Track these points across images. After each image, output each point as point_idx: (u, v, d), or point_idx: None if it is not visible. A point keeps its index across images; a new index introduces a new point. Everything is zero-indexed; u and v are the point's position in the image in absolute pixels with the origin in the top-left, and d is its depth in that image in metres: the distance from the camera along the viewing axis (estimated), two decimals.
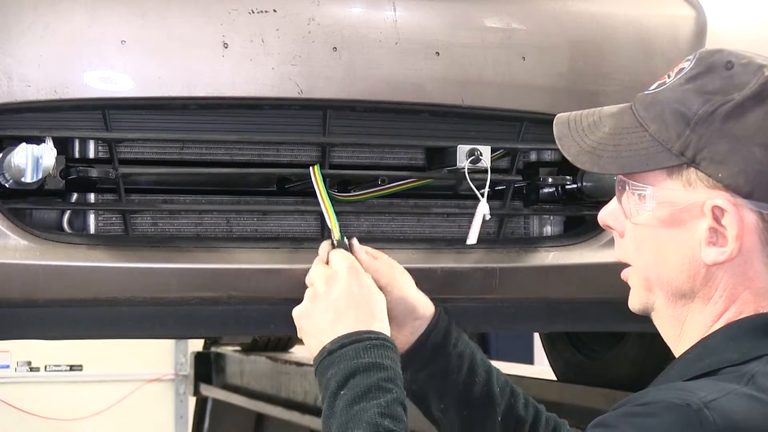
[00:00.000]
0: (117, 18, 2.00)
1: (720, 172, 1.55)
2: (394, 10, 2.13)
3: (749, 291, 1.58)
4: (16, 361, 7.06)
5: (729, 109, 1.55)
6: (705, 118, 1.56)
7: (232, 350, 5.79)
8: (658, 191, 1.59)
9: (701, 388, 1.47)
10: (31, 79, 1.95)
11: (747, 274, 1.58)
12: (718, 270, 1.58)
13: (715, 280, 1.59)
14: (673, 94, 1.59)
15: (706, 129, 1.56)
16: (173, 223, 2.11)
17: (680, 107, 1.58)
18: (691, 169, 1.57)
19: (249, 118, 2.11)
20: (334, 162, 2.17)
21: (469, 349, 1.98)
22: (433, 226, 2.26)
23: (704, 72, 1.59)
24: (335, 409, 1.73)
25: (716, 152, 1.55)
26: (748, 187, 1.54)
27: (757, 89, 1.56)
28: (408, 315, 1.97)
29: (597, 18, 2.30)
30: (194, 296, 2.03)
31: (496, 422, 1.95)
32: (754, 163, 1.54)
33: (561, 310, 2.34)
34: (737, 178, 1.54)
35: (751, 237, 1.56)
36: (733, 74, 1.57)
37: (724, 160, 1.54)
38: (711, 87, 1.57)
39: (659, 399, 1.47)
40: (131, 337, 2.37)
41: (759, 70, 1.57)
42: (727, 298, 1.59)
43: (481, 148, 2.15)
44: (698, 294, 1.60)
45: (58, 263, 2.00)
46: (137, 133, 2.06)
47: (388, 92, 2.12)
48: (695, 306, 1.61)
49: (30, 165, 1.94)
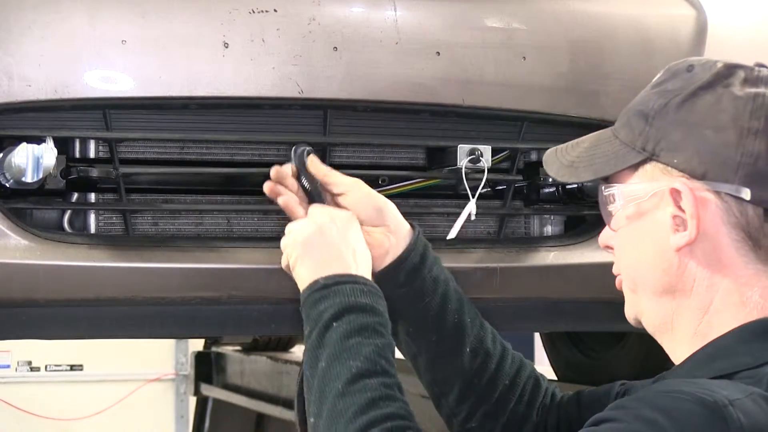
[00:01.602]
0: (117, 18, 2.00)
1: (675, 158, 1.60)
2: (395, 9, 2.13)
3: (730, 280, 1.60)
4: (16, 360, 7.06)
5: (681, 99, 1.61)
6: (659, 111, 1.62)
7: (233, 350, 5.78)
8: (625, 188, 1.65)
9: (723, 387, 1.47)
10: (32, 78, 1.95)
11: (721, 261, 1.59)
12: (690, 259, 1.61)
13: (689, 269, 1.61)
14: (638, 99, 1.67)
15: (661, 121, 1.62)
16: (174, 222, 2.11)
17: (641, 107, 1.65)
18: (652, 162, 1.62)
19: (249, 117, 2.11)
20: (334, 162, 2.17)
21: (443, 275, 1.97)
22: (434, 225, 2.26)
23: (668, 78, 1.66)
24: (326, 340, 1.73)
25: (671, 141, 1.60)
26: (701, 169, 1.58)
27: (709, 79, 1.61)
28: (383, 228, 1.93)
29: (598, 18, 2.30)
30: (195, 296, 2.03)
31: (465, 352, 1.94)
32: (706, 145, 1.58)
33: (561, 310, 2.34)
34: (691, 161, 1.58)
35: (712, 219, 1.58)
36: (692, 74, 1.63)
37: (679, 147, 1.60)
38: (671, 87, 1.64)
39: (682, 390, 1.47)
40: (132, 336, 2.37)
41: (714, 65, 1.63)
42: (707, 288, 1.61)
43: (482, 147, 2.16)
44: (677, 288, 1.63)
45: (59, 263, 2.00)
46: (138, 132, 2.06)
47: (388, 92, 2.12)
48: (678, 301, 1.63)
49: (30, 165, 1.94)
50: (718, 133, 1.58)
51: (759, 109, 1.58)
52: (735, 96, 1.59)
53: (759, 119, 1.57)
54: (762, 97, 1.59)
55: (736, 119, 1.58)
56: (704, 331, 1.61)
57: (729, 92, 1.60)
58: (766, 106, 1.58)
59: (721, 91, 1.60)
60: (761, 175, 1.57)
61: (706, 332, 1.61)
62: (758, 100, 1.59)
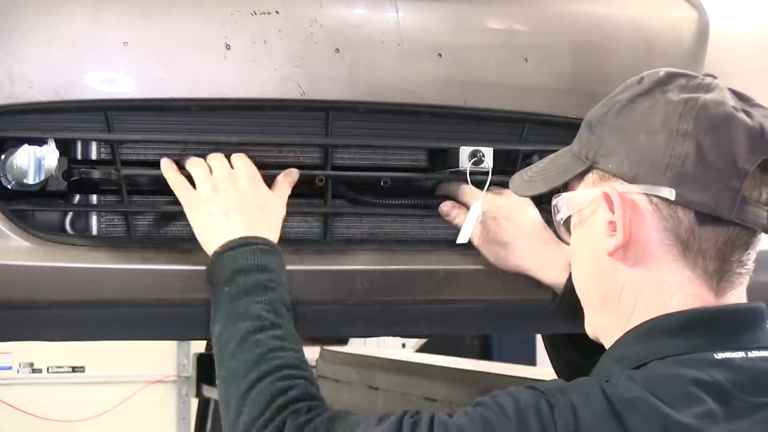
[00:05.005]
0: (119, 19, 2.00)
1: (609, 164, 1.61)
2: (397, 11, 2.13)
3: (653, 284, 1.59)
4: (18, 362, 7.07)
5: (620, 106, 1.63)
6: (600, 119, 1.64)
7: None
8: (567, 196, 1.68)
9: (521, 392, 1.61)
10: (34, 80, 1.95)
11: (648, 265, 1.59)
12: (621, 264, 1.61)
13: (619, 275, 1.62)
14: (591, 110, 1.69)
15: (601, 128, 1.63)
16: (176, 224, 2.11)
17: (588, 117, 1.67)
18: (593, 170, 1.64)
19: (251, 119, 2.11)
20: (336, 163, 2.17)
21: None
22: (435, 227, 2.25)
23: (621, 90, 1.67)
24: (218, 307, 1.85)
25: (608, 147, 1.62)
26: (632, 172, 1.58)
27: (649, 86, 1.62)
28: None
29: (599, 19, 2.30)
30: (197, 297, 2.03)
31: None
32: (638, 149, 1.58)
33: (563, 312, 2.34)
34: (623, 165, 1.59)
35: (642, 222, 1.58)
36: (640, 84, 1.64)
37: (614, 152, 1.61)
38: (619, 97, 1.65)
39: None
40: (134, 338, 2.37)
41: (657, 73, 1.64)
42: (633, 292, 1.61)
43: (484, 149, 2.16)
44: (610, 296, 1.63)
45: (61, 264, 2.00)
46: (139, 134, 2.06)
47: (390, 93, 2.12)
48: (611, 315, 1.64)
49: (32, 166, 1.94)
50: (649, 136, 1.58)
51: (689, 112, 1.57)
52: (669, 100, 1.59)
53: (688, 121, 1.56)
54: (695, 101, 1.57)
55: (666, 122, 1.57)
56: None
57: (665, 97, 1.59)
58: (696, 108, 1.57)
59: (658, 96, 1.60)
60: (688, 176, 1.55)
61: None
62: (690, 102, 1.57)
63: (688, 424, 1.49)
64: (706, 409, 1.50)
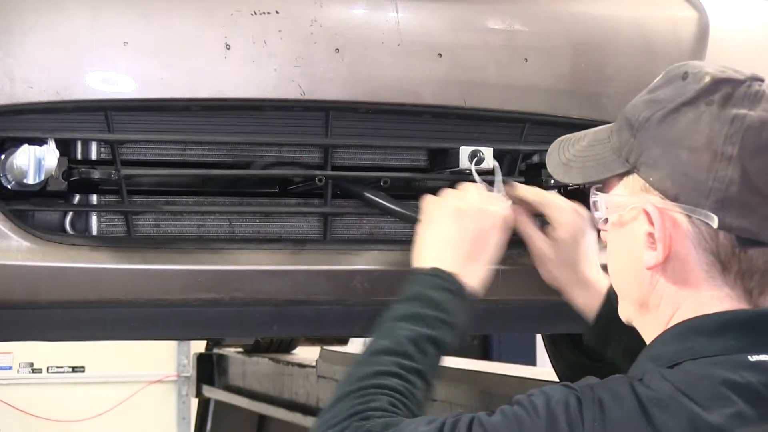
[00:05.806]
0: (119, 19, 2.00)
1: (651, 176, 1.59)
2: (397, 11, 2.13)
3: (692, 300, 1.59)
4: (18, 362, 7.07)
5: (663, 114, 1.60)
6: (643, 123, 1.61)
7: (235, 352, 5.79)
8: (608, 198, 1.66)
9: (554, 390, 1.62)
10: (34, 80, 1.95)
11: (688, 281, 1.59)
12: (660, 276, 1.60)
13: (659, 286, 1.61)
14: (633, 103, 1.66)
15: (643, 134, 1.61)
16: (176, 224, 2.11)
17: (630, 116, 1.64)
18: (634, 175, 1.62)
19: (251, 119, 2.11)
20: (336, 163, 2.17)
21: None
22: None
23: (664, 84, 1.64)
24: (385, 317, 1.81)
25: (650, 157, 1.59)
26: (674, 191, 1.57)
27: (693, 95, 1.59)
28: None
29: (599, 20, 2.30)
30: (197, 298, 2.03)
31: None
32: (679, 166, 1.57)
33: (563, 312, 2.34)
34: (664, 182, 1.58)
35: (683, 241, 1.58)
36: (685, 84, 1.61)
37: (656, 165, 1.59)
38: (662, 96, 1.62)
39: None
40: (134, 338, 2.37)
41: (702, 78, 1.60)
42: (671, 305, 1.61)
43: (484, 149, 2.16)
44: (649, 302, 1.63)
45: (61, 265, 2.00)
46: (140, 134, 2.06)
47: (390, 93, 2.12)
48: (650, 315, 1.64)
49: (32, 166, 1.94)
50: (692, 154, 1.56)
51: (735, 134, 1.55)
52: (714, 117, 1.56)
53: (734, 144, 1.54)
54: (740, 121, 1.55)
55: (711, 142, 1.55)
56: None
57: (709, 111, 1.57)
58: (742, 131, 1.55)
59: (703, 109, 1.57)
60: (732, 201, 1.54)
61: None
62: (735, 124, 1.55)
63: (717, 424, 1.49)
64: (737, 410, 1.50)
